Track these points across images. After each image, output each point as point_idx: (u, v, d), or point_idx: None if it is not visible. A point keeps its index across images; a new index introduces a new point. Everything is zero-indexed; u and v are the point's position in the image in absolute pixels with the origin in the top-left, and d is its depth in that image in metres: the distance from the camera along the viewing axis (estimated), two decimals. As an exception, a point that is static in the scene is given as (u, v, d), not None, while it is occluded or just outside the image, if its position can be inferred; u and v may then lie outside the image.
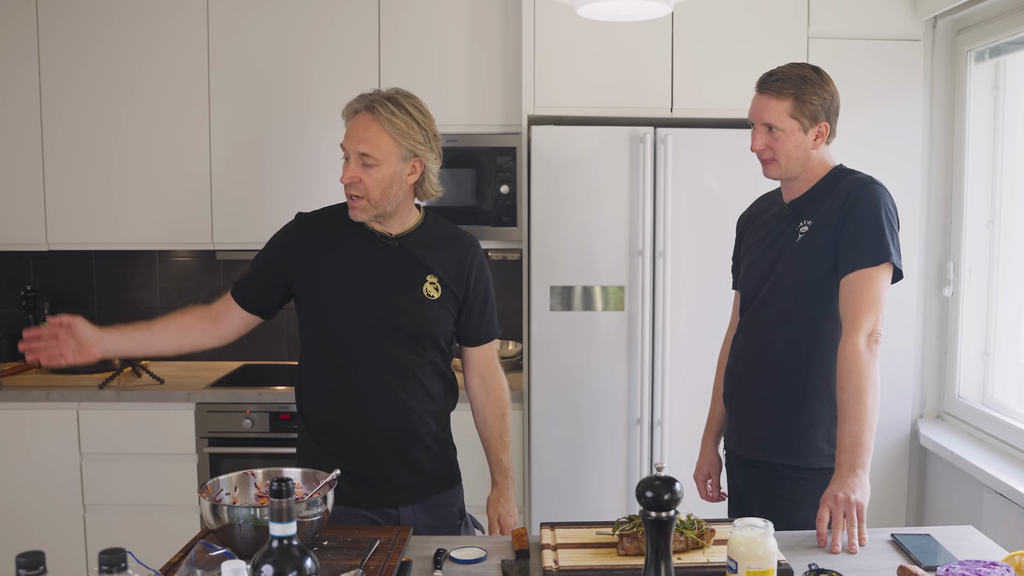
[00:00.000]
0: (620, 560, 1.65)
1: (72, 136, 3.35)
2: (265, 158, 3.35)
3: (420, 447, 2.04)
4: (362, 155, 1.89)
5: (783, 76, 2.02)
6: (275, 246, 2.05)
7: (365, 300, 1.97)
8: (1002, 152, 3.05)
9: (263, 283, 2.05)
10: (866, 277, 1.93)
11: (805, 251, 2.03)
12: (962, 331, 3.17)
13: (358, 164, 1.90)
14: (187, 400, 3.18)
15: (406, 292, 1.98)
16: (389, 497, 2.01)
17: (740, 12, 3.12)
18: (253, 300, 2.06)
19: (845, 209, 1.97)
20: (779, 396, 2.07)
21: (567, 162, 3.03)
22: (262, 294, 2.05)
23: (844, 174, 2.07)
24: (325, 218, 2.04)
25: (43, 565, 1.10)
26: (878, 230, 1.94)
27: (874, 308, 1.91)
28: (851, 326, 1.91)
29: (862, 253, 1.94)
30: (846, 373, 1.89)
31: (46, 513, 3.20)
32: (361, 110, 1.91)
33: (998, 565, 1.49)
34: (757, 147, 2.06)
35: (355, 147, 1.90)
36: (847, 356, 1.89)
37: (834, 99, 2.05)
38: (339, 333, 1.98)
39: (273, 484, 1.22)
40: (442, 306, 2.02)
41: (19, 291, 3.67)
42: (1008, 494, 2.55)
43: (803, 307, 2.04)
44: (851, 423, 1.85)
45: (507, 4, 3.30)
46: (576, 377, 3.08)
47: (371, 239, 1.99)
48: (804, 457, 2.04)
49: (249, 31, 3.32)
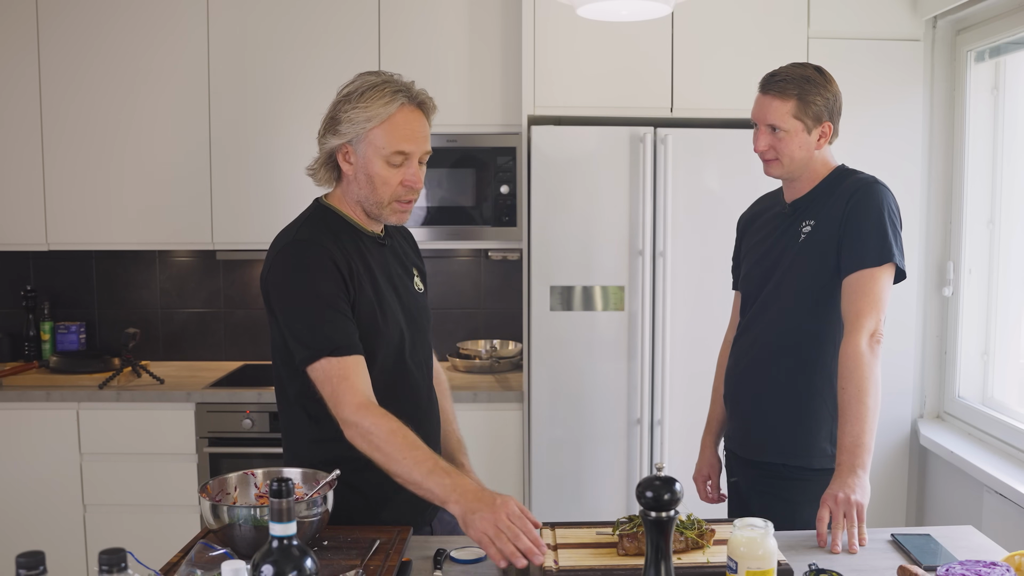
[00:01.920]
0: (620, 560, 1.65)
1: (72, 136, 3.35)
2: (265, 158, 3.35)
3: (436, 446, 1.95)
4: (427, 153, 1.81)
5: (786, 76, 2.02)
6: (331, 280, 1.72)
7: (397, 304, 1.85)
8: (1002, 152, 3.05)
9: (352, 320, 1.74)
10: (868, 277, 1.93)
11: (808, 251, 2.03)
12: (962, 331, 3.17)
13: (420, 164, 1.80)
14: (187, 400, 3.18)
15: (412, 290, 1.94)
16: (433, 512, 1.89)
17: (740, 12, 3.12)
18: (359, 343, 1.73)
19: (848, 209, 1.97)
20: (781, 396, 2.07)
21: (567, 162, 3.03)
22: (357, 331, 1.74)
23: (847, 174, 2.07)
24: (329, 233, 1.79)
25: (43, 565, 1.10)
26: (881, 230, 1.94)
27: (876, 308, 1.91)
28: (853, 326, 1.91)
29: (864, 253, 1.94)
30: (847, 373, 1.89)
31: (46, 513, 3.20)
32: (410, 103, 1.78)
33: (998, 565, 1.49)
34: (761, 148, 2.06)
35: (423, 147, 1.79)
36: (848, 356, 1.90)
37: (837, 99, 2.05)
38: (388, 343, 1.80)
39: (273, 484, 1.22)
40: (427, 298, 2.01)
41: (19, 291, 3.67)
42: (1008, 494, 2.55)
43: (805, 307, 2.03)
44: (852, 423, 1.85)
45: (507, 4, 3.30)
46: (576, 377, 3.08)
47: (372, 242, 1.87)
48: (806, 457, 2.04)
49: (249, 31, 3.32)
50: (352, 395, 1.67)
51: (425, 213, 3.30)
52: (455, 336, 3.72)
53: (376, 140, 1.75)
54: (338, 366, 1.68)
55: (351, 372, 1.68)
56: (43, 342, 3.66)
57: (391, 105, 1.74)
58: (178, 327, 3.77)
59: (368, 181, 1.78)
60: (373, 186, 1.78)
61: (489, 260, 3.73)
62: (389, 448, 1.64)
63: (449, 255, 3.71)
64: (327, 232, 1.79)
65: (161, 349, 3.76)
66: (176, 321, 3.76)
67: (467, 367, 3.49)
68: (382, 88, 1.75)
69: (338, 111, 1.78)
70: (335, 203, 1.85)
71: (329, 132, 1.79)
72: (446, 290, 3.73)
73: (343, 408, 1.67)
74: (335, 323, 1.70)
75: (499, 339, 3.71)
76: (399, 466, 1.64)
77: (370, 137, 1.76)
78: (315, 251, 1.73)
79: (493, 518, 1.53)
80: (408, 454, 1.63)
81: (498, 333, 3.73)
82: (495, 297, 3.75)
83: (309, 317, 1.71)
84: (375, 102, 1.74)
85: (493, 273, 3.75)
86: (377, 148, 1.76)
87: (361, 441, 1.66)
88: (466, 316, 3.74)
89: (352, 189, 1.82)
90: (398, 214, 1.82)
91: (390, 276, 1.86)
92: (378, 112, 1.74)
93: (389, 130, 1.75)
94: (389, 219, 1.83)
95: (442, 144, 3.26)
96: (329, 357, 1.68)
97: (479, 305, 3.74)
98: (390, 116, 1.75)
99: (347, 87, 1.80)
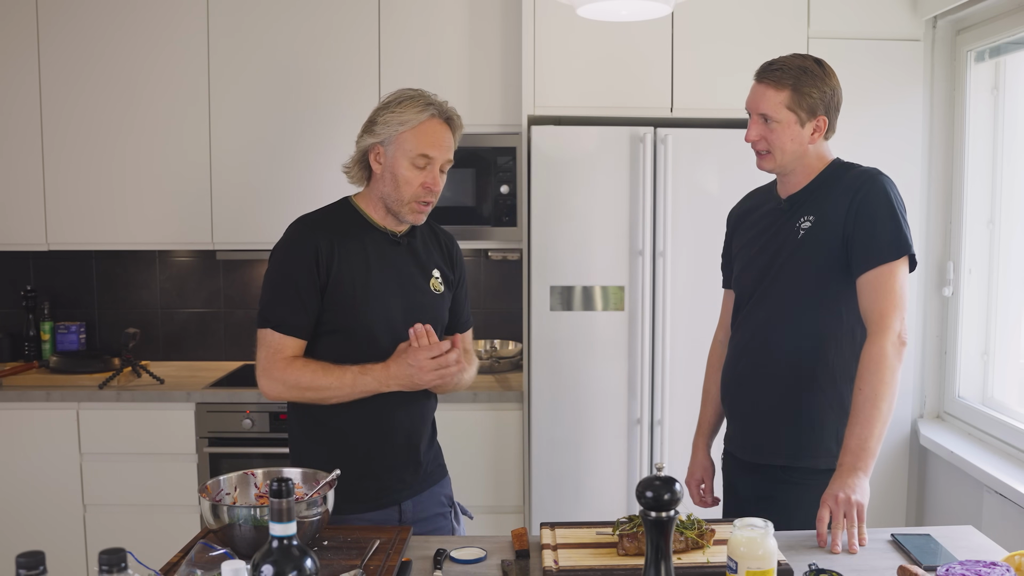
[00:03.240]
0: (620, 560, 1.65)
1: (72, 136, 3.35)
2: (265, 158, 3.35)
3: (424, 440, 2.08)
4: (448, 162, 2.00)
5: (783, 66, 1.98)
6: (301, 262, 1.93)
7: (397, 299, 1.99)
8: (1002, 152, 3.05)
9: (310, 305, 1.93)
10: (887, 274, 1.90)
11: (809, 247, 1.99)
12: (962, 331, 3.17)
13: (440, 172, 1.99)
14: (187, 400, 3.18)
15: (423, 289, 2.05)
16: (398, 495, 2.02)
17: (740, 12, 3.12)
18: (307, 328, 1.95)
19: (856, 205, 1.93)
20: (783, 396, 2.03)
21: (567, 162, 3.03)
22: (310, 317, 1.94)
23: (845, 167, 2.03)
24: (331, 220, 2.00)
25: (43, 565, 1.10)
26: (894, 223, 1.91)
27: (900, 307, 1.89)
28: (878, 327, 1.88)
29: (881, 249, 1.90)
30: (867, 375, 1.86)
31: (46, 513, 3.20)
32: (438, 116, 1.97)
33: (998, 565, 1.49)
34: (751, 138, 2.02)
35: (446, 155, 1.98)
36: (872, 358, 1.87)
37: (835, 93, 2.00)
38: (370, 333, 1.96)
39: (273, 484, 1.22)
40: (445, 299, 2.10)
41: (19, 291, 3.68)
42: (1008, 494, 2.55)
43: (806, 304, 2.00)
44: (861, 425, 1.83)
45: (507, 4, 3.30)
46: (576, 377, 3.08)
47: (385, 239, 2.02)
48: (811, 458, 2.00)
49: (249, 31, 3.32)
50: (276, 365, 1.91)
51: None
52: (455, 336, 3.72)
53: (405, 143, 1.95)
54: (278, 340, 1.93)
55: (286, 348, 1.92)
56: (43, 342, 3.66)
57: (422, 114, 1.95)
58: (178, 327, 3.77)
59: (393, 180, 1.96)
60: (397, 184, 1.96)
61: (489, 260, 3.73)
62: (310, 381, 1.90)
63: (449, 255, 3.70)
64: (329, 221, 2.00)
65: (161, 349, 3.76)
66: (176, 321, 3.76)
67: (467, 367, 3.49)
68: (417, 99, 1.96)
69: (376, 115, 1.98)
70: (359, 201, 2.05)
71: (366, 132, 1.99)
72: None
73: (266, 373, 1.92)
74: (291, 304, 1.93)
75: (499, 339, 3.71)
76: (329, 390, 1.90)
77: (400, 140, 1.95)
78: (302, 235, 1.97)
79: (416, 369, 1.88)
80: (330, 377, 1.89)
81: (498, 333, 3.74)
82: (495, 297, 3.75)
83: (273, 290, 1.95)
84: (409, 110, 1.95)
85: (493, 273, 3.75)
86: (405, 150, 1.95)
87: (285, 392, 1.92)
88: (466, 316, 3.73)
89: (378, 187, 2.00)
90: (415, 214, 1.99)
91: (397, 271, 2.01)
92: (410, 118, 1.94)
93: (417, 135, 1.94)
94: (407, 217, 2.00)
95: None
96: (273, 330, 1.93)
97: (479, 305, 3.74)
98: (420, 123, 1.94)
99: (388, 97, 2.00)
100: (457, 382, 2.04)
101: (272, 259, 1.98)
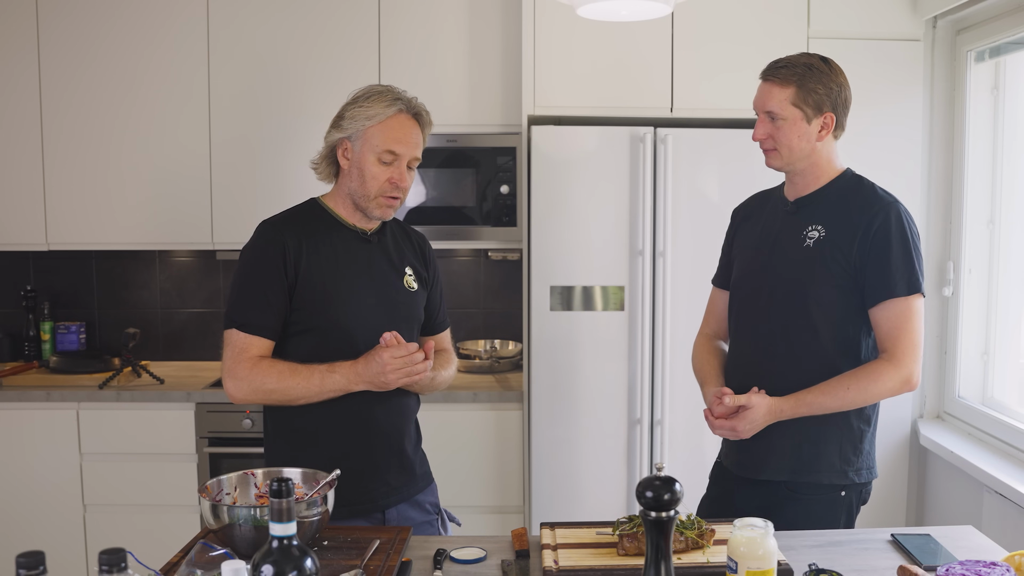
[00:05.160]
0: (620, 560, 1.65)
1: (72, 136, 3.35)
2: (265, 158, 3.35)
3: (408, 442, 2.06)
4: (416, 159, 1.99)
5: (789, 63, 1.98)
6: (268, 262, 1.93)
7: (370, 296, 1.98)
8: (1002, 152, 3.05)
9: (277, 305, 1.92)
10: (904, 307, 1.92)
11: (816, 259, 1.97)
12: (962, 331, 3.17)
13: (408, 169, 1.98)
14: (187, 400, 3.18)
15: (397, 286, 2.03)
16: (385, 500, 1.99)
17: (740, 12, 3.12)
18: (274, 328, 1.94)
19: (872, 234, 1.93)
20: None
21: (567, 162, 3.03)
22: (277, 316, 1.93)
23: (857, 182, 2.02)
24: (298, 219, 2.00)
25: (43, 565, 1.10)
26: (908, 260, 1.93)
27: (916, 347, 1.93)
28: (892, 356, 1.92)
29: (895, 284, 1.92)
30: (863, 383, 1.90)
31: (46, 513, 3.20)
32: (406, 111, 1.96)
33: (998, 565, 1.49)
34: (758, 136, 2.02)
35: (413, 152, 1.96)
36: (877, 376, 1.91)
37: (843, 90, 1.99)
38: (345, 331, 1.94)
39: (273, 484, 1.22)
40: (419, 297, 2.09)
41: (19, 291, 3.67)
42: (1008, 494, 2.55)
43: (812, 318, 1.98)
44: (825, 397, 1.92)
45: (507, 4, 3.30)
46: (576, 377, 3.08)
47: (355, 237, 2.00)
48: (815, 473, 1.98)
49: (249, 31, 3.32)
50: (241, 366, 1.89)
51: (425, 213, 3.30)
52: (455, 336, 3.69)
53: (372, 138, 1.94)
54: (243, 340, 1.91)
55: (251, 348, 1.91)
56: (43, 342, 3.66)
57: (390, 109, 1.94)
58: (178, 327, 3.77)
59: (360, 175, 1.96)
60: (363, 180, 1.95)
61: (489, 260, 3.73)
62: (276, 381, 1.87)
63: (449, 255, 3.70)
64: (297, 221, 1.99)
65: (161, 349, 3.76)
66: (176, 321, 3.76)
67: (467, 367, 3.49)
68: (385, 94, 1.95)
69: (344, 110, 1.98)
70: (327, 200, 2.04)
71: (333, 127, 1.98)
72: (446, 290, 3.71)
73: (230, 374, 1.90)
74: (257, 304, 1.92)
75: (499, 339, 3.71)
76: (296, 390, 1.88)
77: (367, 135, 1.94)
78: (269, 235, 1.97)
79: (383, 368, 1.85)
80: (297, 377, 1.87)
81: (498, 333, 3.74)
82: (495, 297, 3.75)
83: (239, 291, 1.96)
84: (377, 104, 1.94)
85: (493, 273, 3.75)
86: (372, 146, 1.93)
87: (251, 394, 1.90)
88: (466, 316, 3.73)
89: (345, 183, 1.99)
90: (383, 208, 1.98)
91: (369, 268, 2.00)
92: (377, 113, 1.93)
93: (384, 130, 1.93)
94: (375, 212, 1.99)
95: (442, 144, 3.26)
96: (238, 330, 1.92)
97: (479, 305, 3.74)
98: (387, 119, 1.94)
99: (357, 92, 1.99)
100: (434, 382, 2.03)
101: (240, 260, 1.99)
